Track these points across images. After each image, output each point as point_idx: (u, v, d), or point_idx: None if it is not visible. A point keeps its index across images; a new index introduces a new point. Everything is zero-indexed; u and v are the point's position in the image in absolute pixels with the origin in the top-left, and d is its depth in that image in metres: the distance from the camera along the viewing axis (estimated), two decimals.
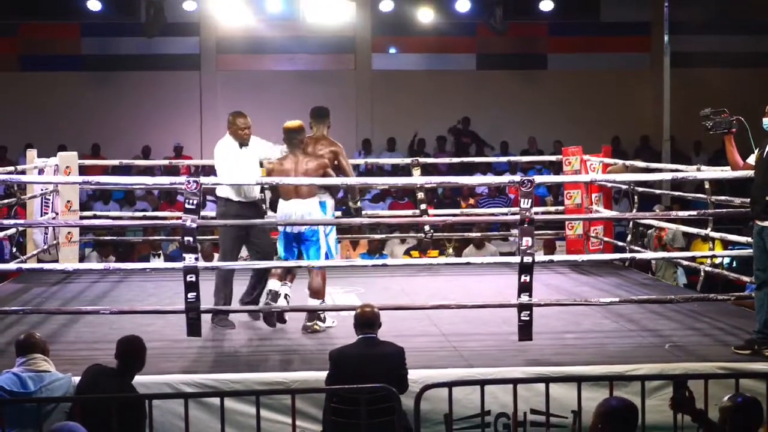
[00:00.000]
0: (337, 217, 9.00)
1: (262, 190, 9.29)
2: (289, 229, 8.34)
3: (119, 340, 6.17)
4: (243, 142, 8.80)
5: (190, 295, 7.43)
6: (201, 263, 7.80)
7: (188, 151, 19.24)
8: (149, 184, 11.56)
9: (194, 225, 7.36)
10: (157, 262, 12.78)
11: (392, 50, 21.33)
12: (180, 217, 7.59)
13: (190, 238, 7.40)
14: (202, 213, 7.94)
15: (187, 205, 7.46)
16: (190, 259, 7.39)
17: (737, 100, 7.78)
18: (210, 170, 14.35)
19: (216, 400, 6.04)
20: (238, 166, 8.63)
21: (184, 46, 20.42)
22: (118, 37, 20.02)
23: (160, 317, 8.30)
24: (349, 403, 5.97)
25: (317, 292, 8.43)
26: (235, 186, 8.59)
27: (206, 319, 7.91)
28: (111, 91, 19.93)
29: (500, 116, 20.50)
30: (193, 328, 7.50)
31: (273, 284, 8.30)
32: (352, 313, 6.69)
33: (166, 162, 15.75)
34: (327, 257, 8.44)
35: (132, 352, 6.12)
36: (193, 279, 7.40)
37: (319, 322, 8.34)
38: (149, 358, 6.31)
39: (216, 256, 13.21)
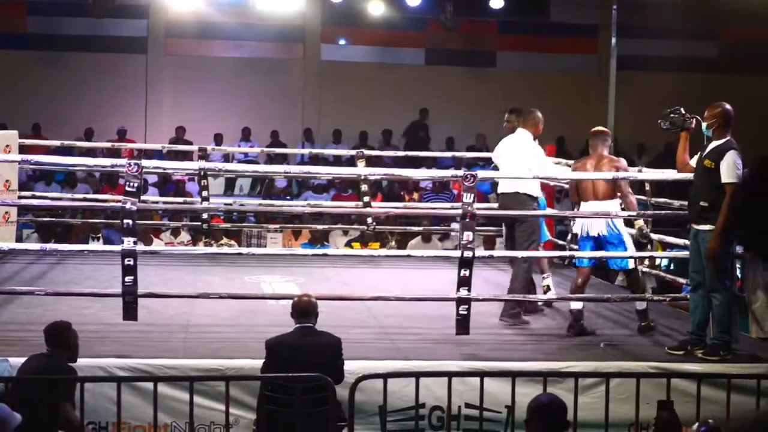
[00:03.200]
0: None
1: None
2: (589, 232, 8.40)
3: (45, 328, 6.15)
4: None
5: (127, 278, 7.37)
6: (140, 247, 7.72)
7: (132, 135, 19.03)
8: (89, 165, 11.42)
9: (134, 208, 7.29)
10: (96, 245, 12.63)
11: (342, 41, 21.29)
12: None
13: (130, 221, 7.32)
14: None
15: (127, 188, 7.39)
16: (128, 242, 7.33)
17: (682, 104, 7.81)
18: (151, 154, 14.29)
19: (149, 385, 5.99)
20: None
21: (132, 29, 20.20)
22: (66, 17, 19.78)
23: (98, 300, 8.22)
24: (284, 392, 5.95)
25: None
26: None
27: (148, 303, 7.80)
28: (56, 71, 19.67)
29: (448, 112, 20.53)
30: (130, 312, 7.43)
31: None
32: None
33: (108, 145, 15.59)
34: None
35: (57, 336, 6.10)
36: (131, 263, 7.33)
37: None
38: (84, 341, 6.26)
39: (156, 240, 13.15)
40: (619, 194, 8.31)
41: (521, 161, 8.75)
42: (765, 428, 3.84)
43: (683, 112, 7.60)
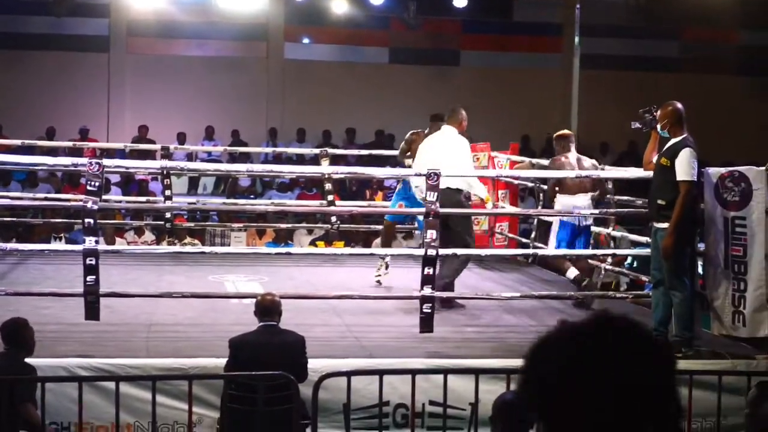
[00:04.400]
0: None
1: None
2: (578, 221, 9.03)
3: (0, 326, 6.10)
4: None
5: (89, 278, 7.32)
6: (101, 246, 7.67)
7: (94, 135, 18.91)
8: (50, 164, 11.34)
9: (95, 207, 7.25)
10: (57, 245, 12.53)
11: (305, 40, 21.26)
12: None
13: (91, 221, 7.28)
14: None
15: (88, 188, 7.35)
16: (90, 241, 7.28)
17: (645, 103, 7.86)
18: (114, 153, 14.21)
19: (111, 385, 5.95)
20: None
21: (93, 28, 20.07)
22: (27, 16, 19.59)
23: (59, 300, 8.14)
24: (247, 391, 5.94)
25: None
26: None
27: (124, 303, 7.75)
28: (16, 70, 19.49)
29: (411, 111, 20.54)
30: (92, 312, 7.38)
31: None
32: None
33: (70, 144, 15.47)
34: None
35: (14, 334, 6.04)
36: (93, 262, 7.28)
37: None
38: (45, 341, 6.22)
39: (119, 240, 13.07)
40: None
41: (447, 157, 8.78)
42: None
43: (655, 111, 7.65)
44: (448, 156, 8.79)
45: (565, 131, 9.41)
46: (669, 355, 1.80)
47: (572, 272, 9.16)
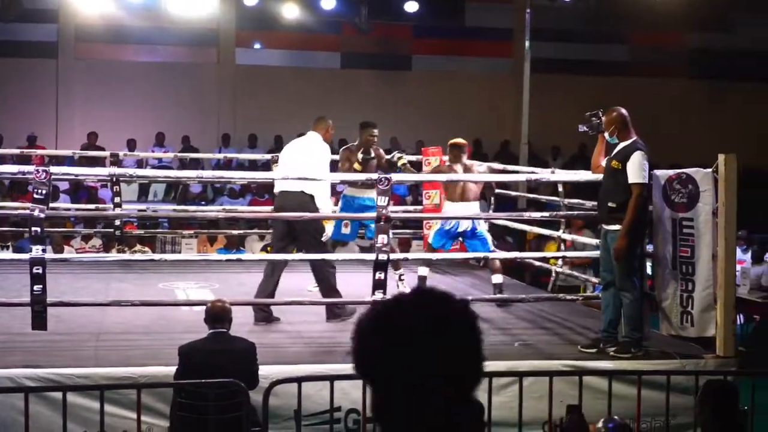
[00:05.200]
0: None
1: None
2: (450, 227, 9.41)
3: None
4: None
5: (36, 287, 7.22)
6: (49, 255, 7.58)
7: (43, 142, 18.68)
8: None
9: (42, 215, 7.16)
10: (4, 254, 12.37)
11: (256, 45, 21.18)
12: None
13: (38, 229, 7.19)
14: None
15: (35, 195, 7.25)
16: (36, 250, 7.19)
17: (595, 107, 7.91)
18: (62, 160, 14.06)
19: (59, 395, 5.88)
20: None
21: (41, 33, 19.82)
22: None
23: (6, 310, 8.05)
24: (197, 399, 5.90)
25: (498, 269, 9.63)
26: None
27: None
28: None
29: (363, 116, 20.47)
30: (39, 321, 7.29)
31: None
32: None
33: (17, 151, 15.27)
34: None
35: None
36: (40, 271, 7.19)
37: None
38: None
39: (66, 248, 12.93)
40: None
41: (308, 161, 8.76)
42: None
43: (601, 115, 7.70)
44: (308, 160, 8.77)
45: (459, 140, 9.70)
46: (474, 325, 2.02)
47: (498, 278, 9.53)
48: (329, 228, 9.21)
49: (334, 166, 9.80)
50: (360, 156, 9.67)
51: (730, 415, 4.84)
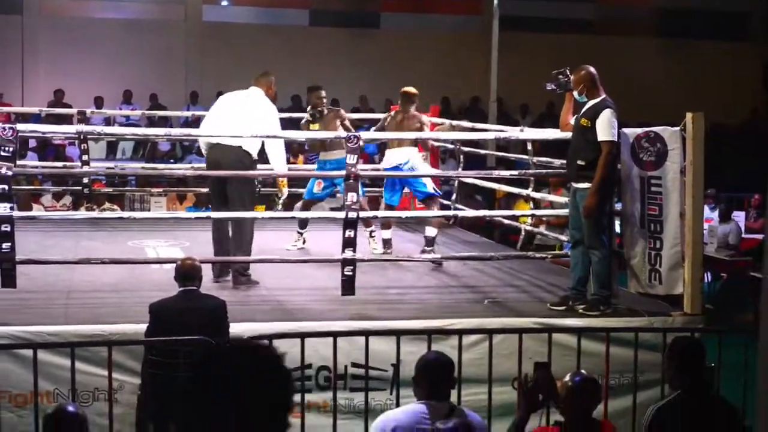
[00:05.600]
0: None
1: None
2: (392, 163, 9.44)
3: None
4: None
5: (4, 245, 7.18)
6: (17, 213, 7.53)
7: (9, 99, 18.54)
8: None
9: (9, 173, 7.11)
10: None
11: (224, 2, 21.03)
12: None
13: (5, 186, 7.14)
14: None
15: (2, 153, 7.18)
16: (4, 208, 7.14)
17: (563, 65, 7.92)
18: (29, 117, 13.89)
19: (29, 352, 5.87)
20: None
21: None
22: None
23: None
24: (168, 356, 5.90)
25: (436, 222, 9.68)
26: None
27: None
28: None
29: (332, 74, 20.47)
30: (8, 279, 7.25)
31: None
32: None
33: None
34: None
35: None
36: (8, 229, 7.15)
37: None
38: None
39: (35, 206, 12.85)
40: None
41: (254, 117, 8.33)
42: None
43: (568, 73, 7.70)
44: (259, 116, 8.33)
45: (409, 89, 9.87)
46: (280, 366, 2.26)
47: (431, 230, 9.66)
48: (286, 190, 9.00)
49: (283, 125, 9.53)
50: (308, 115, 9.92)
51: (697, 372, 4.90)
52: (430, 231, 9.69)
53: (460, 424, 4.39)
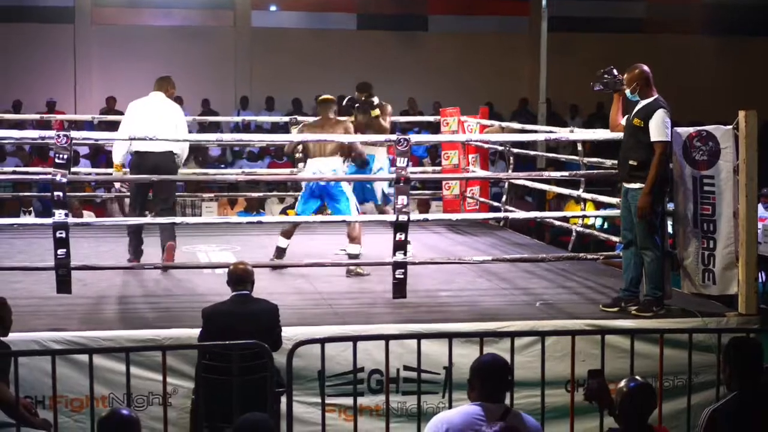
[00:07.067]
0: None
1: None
2: (314, 184, 8.94)
3: None
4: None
5: (59, 251, 7.28)
6: (71, 219, 7.62)
7: (61, 107, 18.74)
8: (17, 138, 11.20)
9: (64, 180, 7.20)
10: (27, 219, 12.45)
11: (272, 8, 21.12)
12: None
13: (60, 193, 7.23)
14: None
15: (57, 160, 7.29)
16: (59, 214, 7.23)
17: (612, 64, 7.86)
18: (82, 125, 14.08)
19: (85, 357, 5.93)
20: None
21: None
22: None
23: (30, 274, 8.11)
24: (222, 360, 5.94)
25: (356, 238, 8.92)
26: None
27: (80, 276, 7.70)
28: None
29: (380, 77, 20.45)
30: (63, 285, 7.35)
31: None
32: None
33: (37, 117, 15.29)
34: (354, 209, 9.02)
35: None
36: (63, 235, 7.24)
37: (360, 269, 8.74)
38: (17, 315, 6.18)
39: (86, 213, 13.00)
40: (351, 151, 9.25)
41: (169, 122, 9.09)
42: None
43: (616, 73, 7.64)
44: (176, 121, 9.15)
45: (326, 96, 9.54)
46: None
47: (354, 248, 8.99)
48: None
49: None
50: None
51: (755, 373, 4.85)
52: (353, 248, 9.00)
53: (515, 427, 4.35)
